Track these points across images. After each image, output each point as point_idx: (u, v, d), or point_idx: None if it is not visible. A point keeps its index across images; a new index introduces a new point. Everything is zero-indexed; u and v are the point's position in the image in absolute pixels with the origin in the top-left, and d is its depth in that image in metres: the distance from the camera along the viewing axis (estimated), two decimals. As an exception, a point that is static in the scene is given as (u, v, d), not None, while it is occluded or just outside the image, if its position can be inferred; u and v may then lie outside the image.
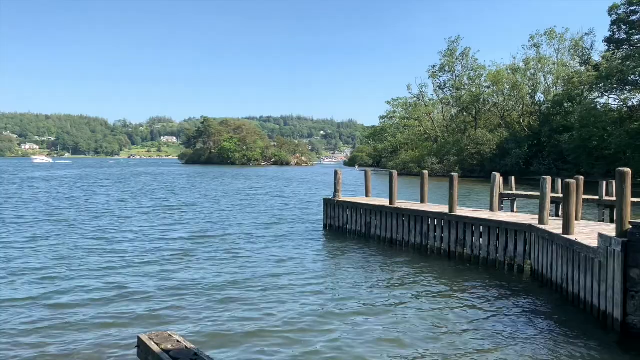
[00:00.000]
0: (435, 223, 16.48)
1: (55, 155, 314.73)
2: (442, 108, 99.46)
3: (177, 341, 5.55)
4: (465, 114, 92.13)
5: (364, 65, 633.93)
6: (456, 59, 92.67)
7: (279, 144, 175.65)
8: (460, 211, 16.44)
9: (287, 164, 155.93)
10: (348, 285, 12.42)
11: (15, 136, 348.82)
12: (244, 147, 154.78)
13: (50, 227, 21.09)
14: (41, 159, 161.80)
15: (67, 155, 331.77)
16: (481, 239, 15.01)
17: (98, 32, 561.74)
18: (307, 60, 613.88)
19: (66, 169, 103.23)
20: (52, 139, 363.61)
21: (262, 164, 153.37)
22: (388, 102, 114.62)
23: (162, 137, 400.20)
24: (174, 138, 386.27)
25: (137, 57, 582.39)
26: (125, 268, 13.83)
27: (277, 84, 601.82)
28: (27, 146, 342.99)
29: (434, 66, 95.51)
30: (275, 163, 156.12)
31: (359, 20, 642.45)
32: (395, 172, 19.27)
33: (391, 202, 18.43)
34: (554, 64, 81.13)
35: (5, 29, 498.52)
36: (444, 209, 16.96)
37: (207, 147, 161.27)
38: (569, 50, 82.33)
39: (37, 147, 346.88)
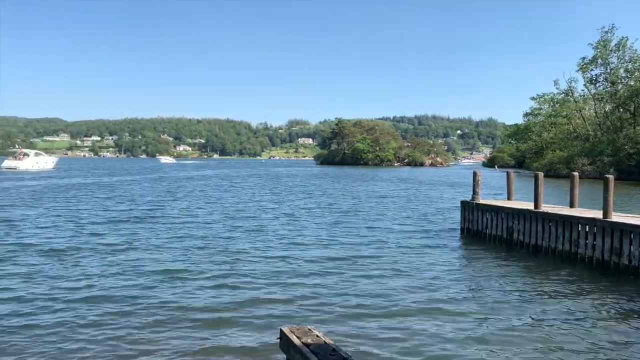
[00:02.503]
0: (587, 229, 15.13)
1: (205, 157, 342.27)
2: (594, 104, 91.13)
3: (317, 336, 5.70)
4: (621, 110, 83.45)
5: (503, 60, 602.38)
6: (610, 51, 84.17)
7: (412, 144, 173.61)
8: (616, 217, 14.93)
9: (421, 164, 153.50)
10: (491, 296, 11.84)
11: (171, 139, 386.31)
12: (377, 148, 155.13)
13: (205, 227, 22.93)
14: (167, 159, 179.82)
15: (215, 156, 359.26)
16: (642, 249, 13.49)
17: (247, 43, 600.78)
18: (443, 58, 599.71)
19: (193, 169, 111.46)
20: (203, 141, 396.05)
21: (395, 164, 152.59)
22: (533, 98, 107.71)
23: (299, 139, 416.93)
24: (310, 139, 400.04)
25: (277, 63, 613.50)
26: (271, 267, 14.61)
27: (412, 83, 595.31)
28: (181, 147, 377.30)
29: (584, 58, 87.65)
30: (408, 164, 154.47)
31: (496, 14, 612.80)
32: (541, 174, 18.05)
33: (536, 205, 17.28)
34: None
35: (172, 42, 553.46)
36: (597, 214, 15.51)
37: (340, 148, 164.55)
38: None
39: (190, 149, 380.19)
